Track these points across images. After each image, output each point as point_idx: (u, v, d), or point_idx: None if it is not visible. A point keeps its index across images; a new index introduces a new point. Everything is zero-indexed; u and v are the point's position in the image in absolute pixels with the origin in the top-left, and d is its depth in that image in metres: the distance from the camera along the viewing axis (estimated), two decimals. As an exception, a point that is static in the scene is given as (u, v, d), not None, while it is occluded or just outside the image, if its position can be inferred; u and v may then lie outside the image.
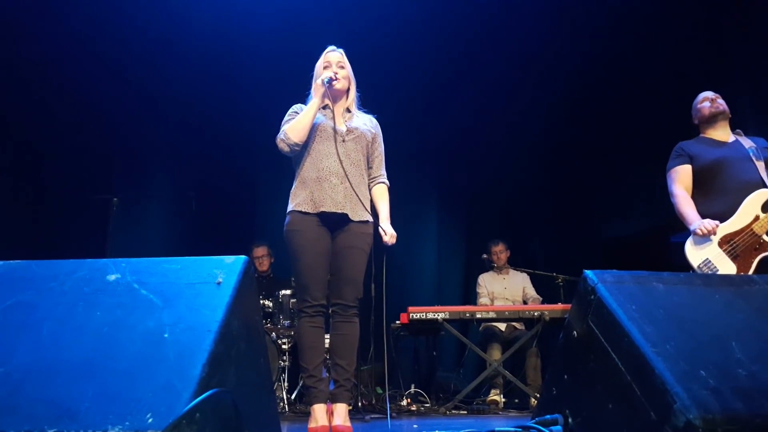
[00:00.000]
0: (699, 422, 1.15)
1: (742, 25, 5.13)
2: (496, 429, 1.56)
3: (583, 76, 6.16)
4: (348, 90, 3.05)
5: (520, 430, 1.53)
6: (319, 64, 3.06)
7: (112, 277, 1.32)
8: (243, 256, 1.38)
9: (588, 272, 1.55)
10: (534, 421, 1.56)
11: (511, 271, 5.71)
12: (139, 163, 5.92)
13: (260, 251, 5.38)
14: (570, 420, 1.51)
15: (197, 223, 5.56)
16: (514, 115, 6.52)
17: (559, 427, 1.50)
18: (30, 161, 5.37)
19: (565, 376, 1.57)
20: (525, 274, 5.68)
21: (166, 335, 1.16)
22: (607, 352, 1.39)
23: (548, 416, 1.55)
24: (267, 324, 4.80)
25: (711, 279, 1.62)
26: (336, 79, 2.92)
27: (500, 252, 5.67)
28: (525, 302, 5.49)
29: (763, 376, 1.28)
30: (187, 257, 1.39)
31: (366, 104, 3.14)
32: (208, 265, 1.34)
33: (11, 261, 1.37)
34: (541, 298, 5.49)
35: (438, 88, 6.56)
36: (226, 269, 1.33)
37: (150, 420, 1.00)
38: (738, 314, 1.45)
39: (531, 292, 5.61)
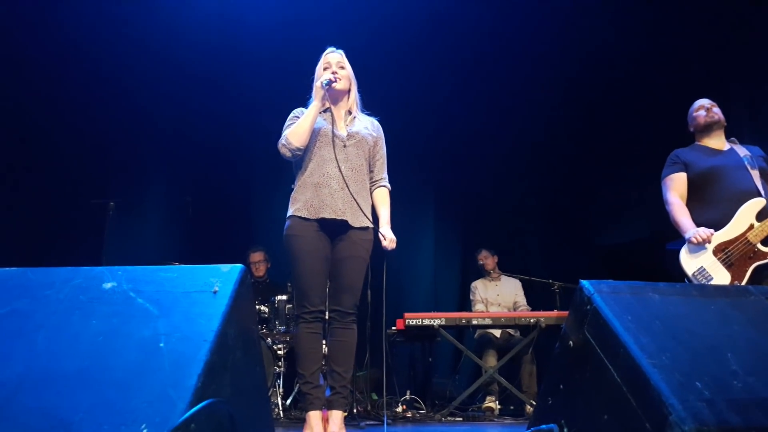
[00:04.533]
0: (694, 434, 1.15)
1: (739, 32, 5.15)
2: (492, 439, 1.55)
3: (580, 84, 6.17)
4: (349, 91, 3.04)
5: (515, 439, 1.53)
6: (319, 66, 3.03)
7: (108, 286, 1.32)
8: (239, 265, 1.38)
9: (584, 282, 1.55)
10: (529, 431, 1.56)
11: (503, 278, 5.71)
12: (135, 167, 5.91)
13: (257, 256, 5.38)
14: (565, 430, 1.50)
15: (194, 227, 5.55)
16: (511, 123, 6.53)
17: (554, 437, 1.50)
18: (26, 165, 5.36)
19: (561, 386, 1.57)
20: (518, 282, 5.69)
21: (161, 345, 1.16)
22: (603, 362, 1.39)
23: (544, 426, 1.55)
24: (263, 329, 4.79)
25: (707, 290, 1.62)
26: (335, 80, 2.90)
27: (485, 258, 5.71)
28: (515, 311, 5.48)
29: (758, 388, 1.29)
30: (183, 266, 1.38)
31: (366, 107, 3.14)
32: (204, 273, 1.34)
33: (6, 268, 1.36)
34: (530, 308, 5.49)
35: (437, 95, 6.57)
36: (222, 278, 1.33)
37: (145, 431, 0.99)
38: (733, 325, 1.45)
39: (521, 301, 5.62)
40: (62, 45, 5.37)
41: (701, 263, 3.14)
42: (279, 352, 4.70)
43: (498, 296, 5.61)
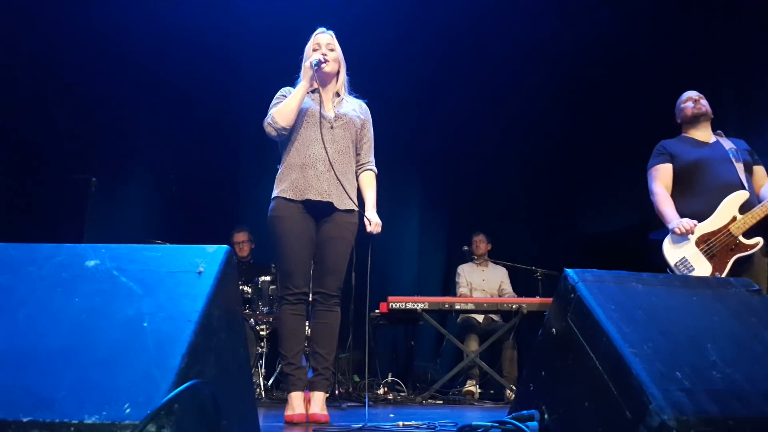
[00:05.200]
0: (673, 423, 1.17)
1: (727, 22, 5.17)
2: (473, 423, 1.57)
3: (567, 75, 6.19)
4: (338, 73, 3.01)
5: (496, 424, 1.54)
6: (309, 46, 3.00)
7: (91, 263, 1.30)
8: (225, 246, 1.37)
9: (569, 271, 1.56)
10: (510, 416, 1.57)
11: (491, 264, 5.75)
12: (119, 143, 5.83)
13: (241, 236, 5.35)
14: (546, 416, 1.52)
15: (178, 205, 5.51)
16: (500, 110, 6.54)
17: (535, 423, 1.52)
18: (5, 138, 5.26)
19: (543, 373, 1.59)
20: (504, 269, 5.72)
21: (145, 324, 1.15)
22: (585, 350, 1.41)
23: (525, 411, 1.56)
24: (246, 310, 4.79)
25: (689, 281, 1.64)
26: (325, 61, 2.88)
27: (480, 242, 5.73)
28: (500, 297, 5.51)
29: (737, 379, 1.31)
30: (167, 245, 1.37)
31: (355, 90, 3.12)
32: (189, 253, 1.33)
33: (-13, 244, 1.34)
34: (515, 295, 5.53)
35: (426, 80, 6.56)
36: (207, 258, 1.32)
37: (128, 410, 0.99)
38: (714, 317, 1.48)
39: (507, 288, 5.65)
40: (44, 18, 5.26)
41: (683, 254, 3.17)
42: (261, 332, 4.71)
43: (483, 281, 5.64)
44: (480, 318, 5.38)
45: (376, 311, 4.87)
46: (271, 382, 4.67)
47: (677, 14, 5.40)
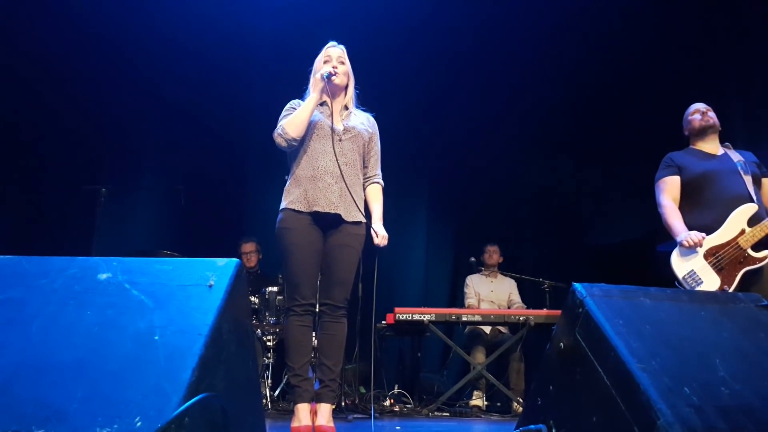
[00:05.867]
0: (681, 439, 1.17)
1: (734, 33, 5.17)
2: (481, 437, 1.57)
3: (576, 84, 6.20)
4: (347, 87, 3.03)
5: (504, 439, 1.54)
6: (319, 58, 3.03)
7: (103, 276, 1.32)
8: (235, 259, 1.38)
9: (577, 285, 1.57)
10: (518, 430, 1.57)
11: (500, 276, 5.73)
12: (128, 153, 5.87)
13: (248, 247, 5.37)
14: (554, 431, 1.52)
15: (186, 216, 5.53)
16: (506, 121, 6.55)
17: (542, 438, 1.52)
18: (16, 149, 5.30)
19: (551, 387, 1.59)
20: (513, 281, 5.70)
21: (156, 337, 1.16)
22: (593, 365, 1.41)
23: (532, 426, 1.56)
24: (253, 320, 4.79)
25: (697, 296, 1.64)
26: (335, 74, 2.90)
27: (493, 252, 5.72)
28: (509, 308, 5.50)
29: (745, 395, 1.30)
30: (178, 258, 1.38)
31: (362, 103, 3.14)
32: (199, 267, 1.34)
33: (1, 256, 1.36)
34: (525, 306, 5.51)
35: (433, 90, 6.58)
36: (217, 272, 1.33)
37: (139, 424, 1.00)
38: (723, 332, 1.47)
39: (516, 299, 5.63)
40: (53, 28, 5.31)
41: (692, 267, 3.16)
42: (268, 343, 4.71)
43: (492, 293, 5.63)
44: (487, 329, 5.37)
45: (383, 322, 4.86)
46: (277, 393, 4.66)
47: (684, 25, 5.41)
